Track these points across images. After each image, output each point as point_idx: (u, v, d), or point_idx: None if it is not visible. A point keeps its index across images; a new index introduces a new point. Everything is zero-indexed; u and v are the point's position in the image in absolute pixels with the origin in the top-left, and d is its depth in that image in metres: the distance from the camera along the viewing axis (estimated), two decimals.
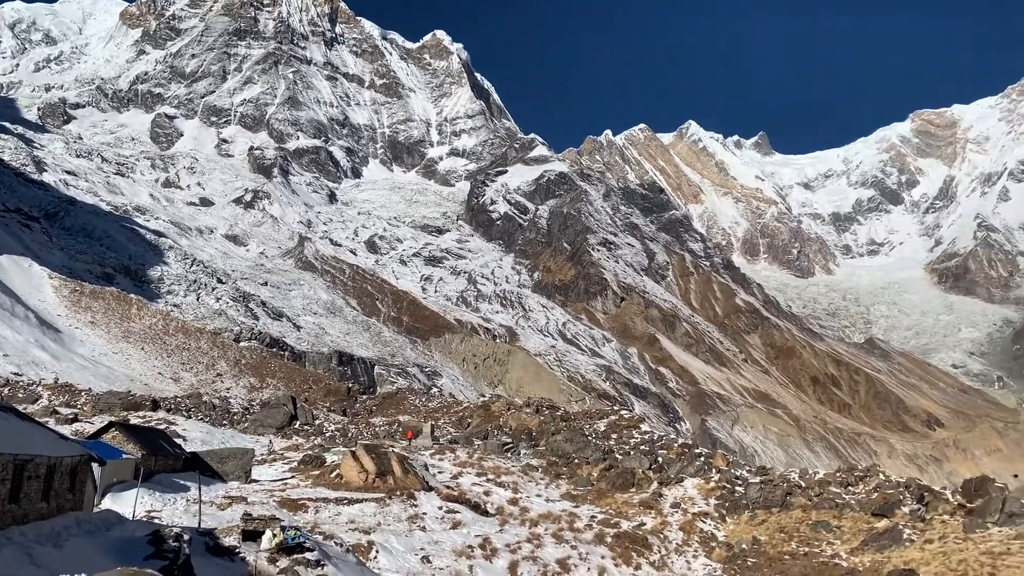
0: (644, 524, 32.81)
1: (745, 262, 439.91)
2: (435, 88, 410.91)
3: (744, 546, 31.69)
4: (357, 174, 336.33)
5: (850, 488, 38.48)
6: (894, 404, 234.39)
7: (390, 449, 34.72)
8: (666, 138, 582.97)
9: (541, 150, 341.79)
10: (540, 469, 41.56)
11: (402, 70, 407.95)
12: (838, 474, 41.40)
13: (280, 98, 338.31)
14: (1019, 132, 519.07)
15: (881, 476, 40.15)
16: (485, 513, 30.22)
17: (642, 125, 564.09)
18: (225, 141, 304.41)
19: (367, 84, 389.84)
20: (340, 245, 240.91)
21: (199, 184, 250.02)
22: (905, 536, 30.36)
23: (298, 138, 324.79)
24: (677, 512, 35.01)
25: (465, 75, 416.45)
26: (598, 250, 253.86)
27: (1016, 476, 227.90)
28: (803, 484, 39.01)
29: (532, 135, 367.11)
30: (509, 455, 45.74)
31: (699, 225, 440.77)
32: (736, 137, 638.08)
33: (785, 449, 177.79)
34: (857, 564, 28.99)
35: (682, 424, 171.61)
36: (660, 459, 43.52)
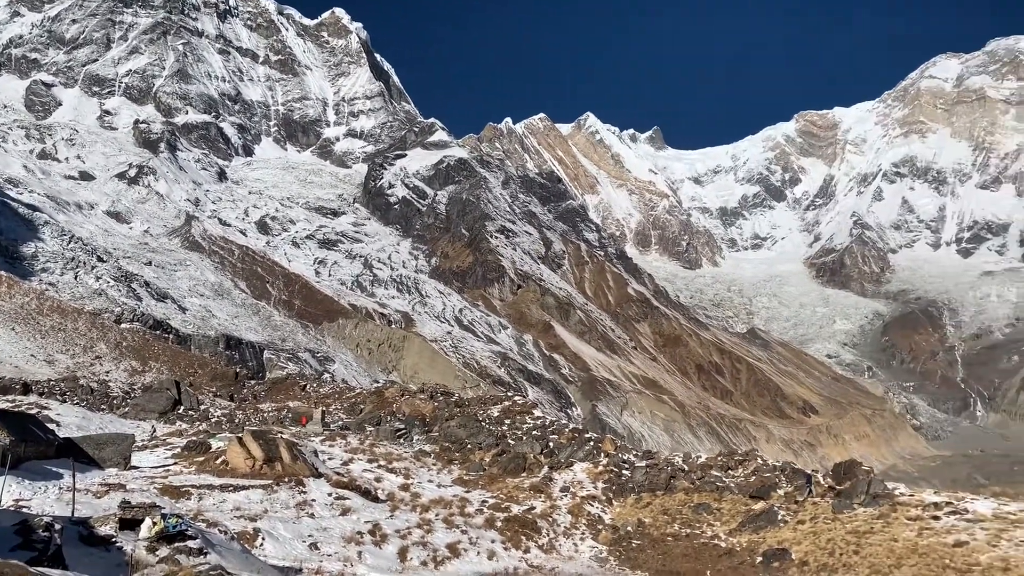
0: (534, 508, 33.37)
1: (637, 253, 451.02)
2: (333, 67, 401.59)
3: (629, 528, 32.64)
4: (249, 152, 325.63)
5: (730, 472, 40.11)
6: (773, 392, 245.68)
7: (279, 435, 34.02)
8: (565, 128, 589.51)
9: (441, 135, 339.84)
10: (433, 455, 41.61)
11: (298, 47, 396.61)
12: (719, 458, 43.07)
13: (168, 70, 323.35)
14: (893, 136, 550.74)
15: (759, 460, 42.01)
16: (376, 499, 30.07)
17: (542, 115, 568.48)
18: (108, 113, 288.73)
19: (261, 60, 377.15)
20: (229, 225, 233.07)
21: (79, 157, 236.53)
22: (780, 517, 31.87)
23: (187, 113, 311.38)
24: (566, 496, 35.75)
25: (364, 55, 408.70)
26: (496, 237, 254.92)
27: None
28: (686, 468, 40.43)
29: (432, 119, 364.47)
30: (402, 441, 45.58)
31: (595, 215, 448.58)
32: (632, 131, 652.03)
33: (671, 434, 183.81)
34: (735, 544, 30.31)
35: (574, 410, 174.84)
36: (551, 444, 44.22)
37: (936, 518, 28.95)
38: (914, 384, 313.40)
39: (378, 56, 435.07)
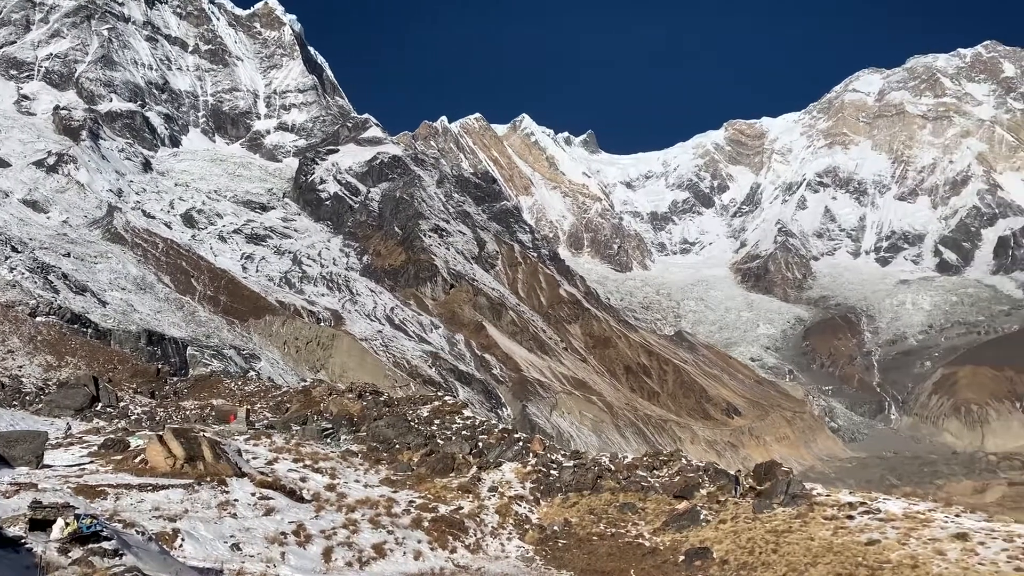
0: (461, 508, 33.32)
1: (570, 255, 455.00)
2: (265, 59, 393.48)
3: (556, 528, 32.86)
4: (176, 143, 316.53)
5: (655, 472, 40.76)
6: (698, 393, 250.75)
7: (201, 433, 33.17)
8: (500, 129, 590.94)
9: (375, 131, 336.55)
10: (360, 455, 41.14)
11: (230, 37, 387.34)
12: (645, 458, 43.71)
13: (92, 56, 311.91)
14: (817, 147, 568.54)
15: (683, 461, 42.79)
16: (300, 499, 29.58)
17: (477, 115, 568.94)
18: (26, 98, 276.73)
19: (191, 49, 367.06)
20: (154, 217, 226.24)
21: None
22: (702, 517, 32.50)
23: (111, 100, 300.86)
24: (494, 496, 35.79)
25: (298, 48, 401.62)
26: (429, 236, 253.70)
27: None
28: (613, 468, 40.92)
29: (366, 115, 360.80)
30: (328, 441, 44.94)
31: (529, 217, 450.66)
32: (566, 134, 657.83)
33: (599, 434, 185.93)
34: (659, 543, 30.78)
35: (504, 410, 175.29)
36: (481, 444, 44.22)
37: (851, 517, 29.91)
38: (833, 388, 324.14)
39: (312, 49, 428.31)
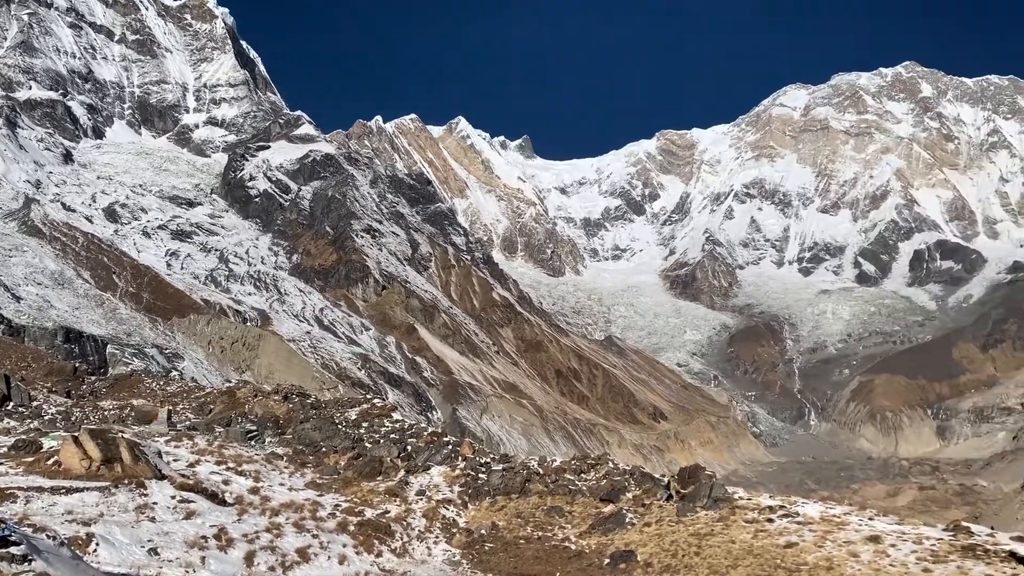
0: (388, 512, 33.06)
1: (504, 258, 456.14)
2: (195, 51, 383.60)
3: (483, 531, 32.88)
4: (99, 134, 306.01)
5: (583, 475, 41.13)
6: (626, 398, 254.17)
7: (119, 434, 32.14)
8: (436, 131, 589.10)
9: (308, 129, 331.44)
10: (285, 458, 40.46)
11: (159, 28, 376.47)
12: (573, 462, 44.08)
13: (11, 41, 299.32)
14: (745, 159, 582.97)
15: (611, 464, 43.30)
16: (223, 503, 28.93)
17: (413, 115, 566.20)
18: None
19: (117, 38, 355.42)
20: (74, 211, 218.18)
21: None
22: (628, 520, 32.92)
23: (30, 88, 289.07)
24: (422, 499, 35.62)
25: (229, 42, 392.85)
26: (362, 236, 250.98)
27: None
28: (541, 471, 41.15)
29: (299, 112, 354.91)
30: (253, 443, 44.06)
31: (463, 220, 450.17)
32: (502, 138, 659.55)
33: (528, 438, 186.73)
34: (584, 547, 31.08)
35: (434, 413, 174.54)
36: (409, 448, 43.93)
37: (770, 521, 30.70)
38: (755, 393, 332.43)
39: (244, 43, 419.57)
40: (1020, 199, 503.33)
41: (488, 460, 42.58)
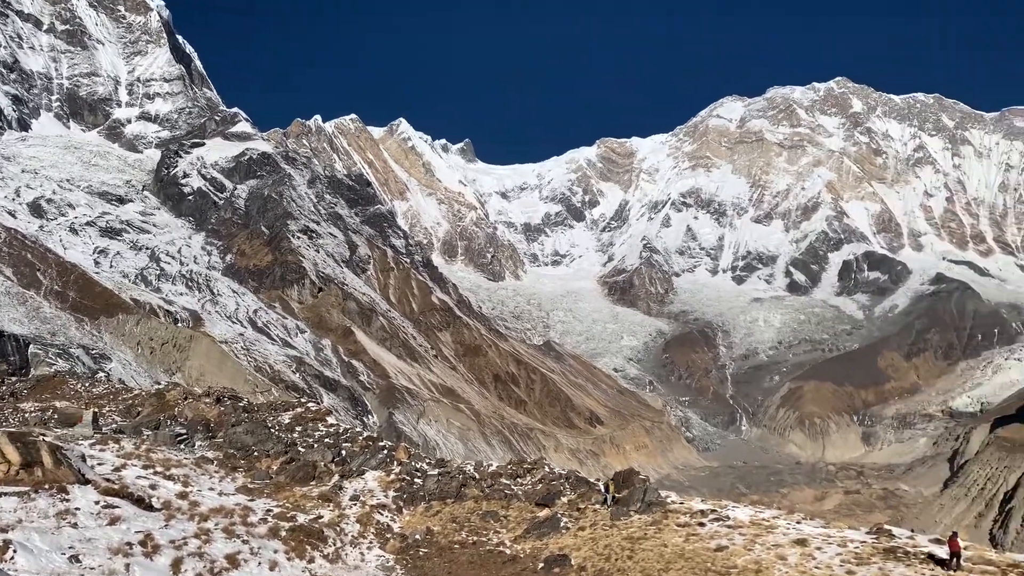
0: (321, 517, 32.64)
1: (443, 262, 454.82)
2: (129, 44, 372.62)
3: (418, 537, 32.73)
4: (24, 126, 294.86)
5: (519, 480, 41.30)
6: (563, 402, 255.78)
7: (40, 438, 31.01)
8: (377, 132, 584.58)
9: (244, 126, 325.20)
10: (216, 462, 39.58)
11: (90, 18, 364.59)
12: (509, 466, 44.22)
13: None
14: (682, 168, 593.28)
15: (546, 469, 43.59)
16: (150, 508, 28.15)
17: (353, 116, 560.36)
18: None
19: (46, 27, 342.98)
20: None
21: None
22: (562, 524, 33.18)
23: None
24: (356, 505, 35.26)
25: (165, 35, 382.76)
26: (298, 237, 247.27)
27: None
28: (477, 476, 41.17)
29: (236, 109, 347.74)
30: (182, 447, 43.00)
31: (403, 222, 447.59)
32: (444, 141, 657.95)
33: (465, 443, 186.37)
34: (519, 551, 31.19)
35: (370, 417, 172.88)
36: (344, 452, 43.47)
37: (702, 524, 31.32)
38: (689, 399, 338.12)
39: (180, 38, 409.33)
40: (943, 213, 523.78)
41: (424, 465, 42.40)
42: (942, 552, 26.33)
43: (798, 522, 32.19)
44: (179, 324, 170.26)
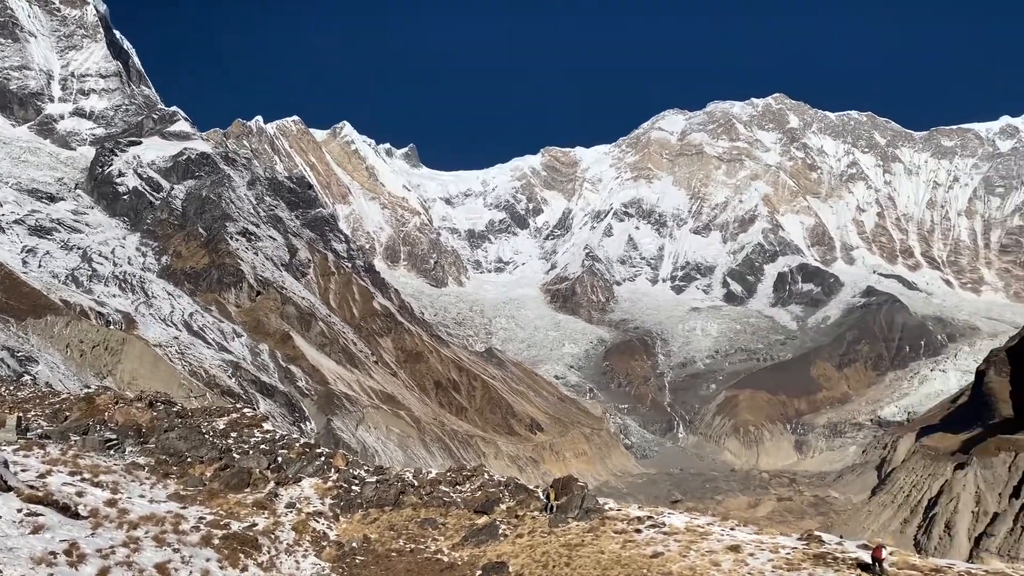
0: (256, 525, 32.06)
1: (386, 267, 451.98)
2: (63, 38, 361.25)
3: (355, 544, 32.37)
4: None
5: (458, 487, 41.18)
6: (504, 409, 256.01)
7: None
8: (319, 135, 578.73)
9: (183, 125, 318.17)
10: (147, 468, 38.55)
11: (22, 10, 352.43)
12: (448, 473, 44.06)
13: None
14: (625, 179, 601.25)
15: (486, 476, 43.55)
16: (76, 516, 27.28)
17: (295, 117, 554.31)
18: None
19: None
20: None
21: None
22: (501, 531, 33.16)
23: None
24: (291, 512, 34.72)
25: (101, 30, 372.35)
26: (237, 239, 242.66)
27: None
28: (416, 483, 40.92)
29: (174, 108, 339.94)
30: (112, 453, 41.76)
31: (345, 226, 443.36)
32: (388, 145, 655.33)
33: (404, 450, 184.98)
34: (457, 559, 31.08)
35: (307, 424, 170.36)
36: (280, 459, 42.75)
37: (639, 531, 31.66)
38: (628, 406, 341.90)
39: (117, 33, 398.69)
40: (874, 228, 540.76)
41: (362, 472, 42.00)
42: (869, 558, 27.18)
43: (732, 529, 32.76)
44: (111, 326, 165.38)
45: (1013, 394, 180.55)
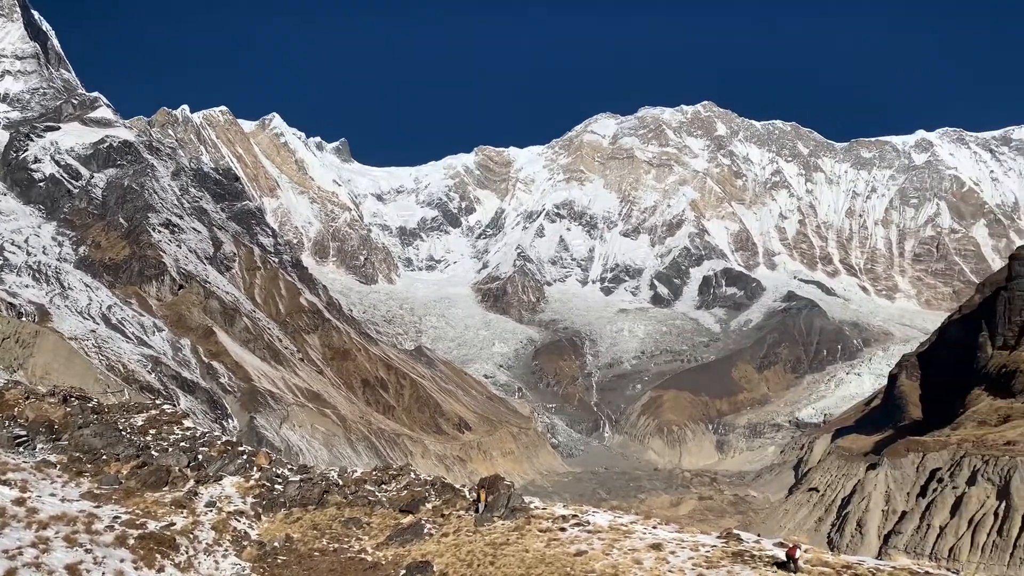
0: (174, 524, 31.28)
1: (314, 263, 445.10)
2: None
3: (276, 544, 31.90)
4: None
5: (383, 486, 40.93)
6: (433, 408, 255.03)
7: None
8: (248, 126, 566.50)
9: (105, 112, 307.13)
10: (59, 466, 37.22)
11: None
12: (374, 473, 43.77)
13: None
14: (557, 180, 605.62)
15: (412, 475, 43.40)
16: None
17: (223, 108, 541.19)
18: None
19: None
20: None
21: None
22: (426, 531, 33.11)
23: None
24: (211, 511, 33.99)
25: (18, 10, 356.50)
26: (159, 231, 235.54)
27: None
28: (341, 482, 40.54)
29: (96, 94, 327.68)
30: (22, 450, 40.17)
31: (272, 220, 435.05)
32: (319, 139, 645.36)
33: (330, 448, 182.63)
34: (381, 558, 30.90)
35: (230, 421, 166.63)
36: (201, 457, 41.81)
37: (563, 529, 32.00)
38: (556, 406, 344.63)
39: (36, 14, 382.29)
40: (795, 235, 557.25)
41: (285, 471, 41.41)
42: (785, 556, 28.09)
43: (654, 527, 33.38)
44: (23, 318, 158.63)
45: (923, 397, 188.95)
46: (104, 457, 39.91)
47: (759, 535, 34.04)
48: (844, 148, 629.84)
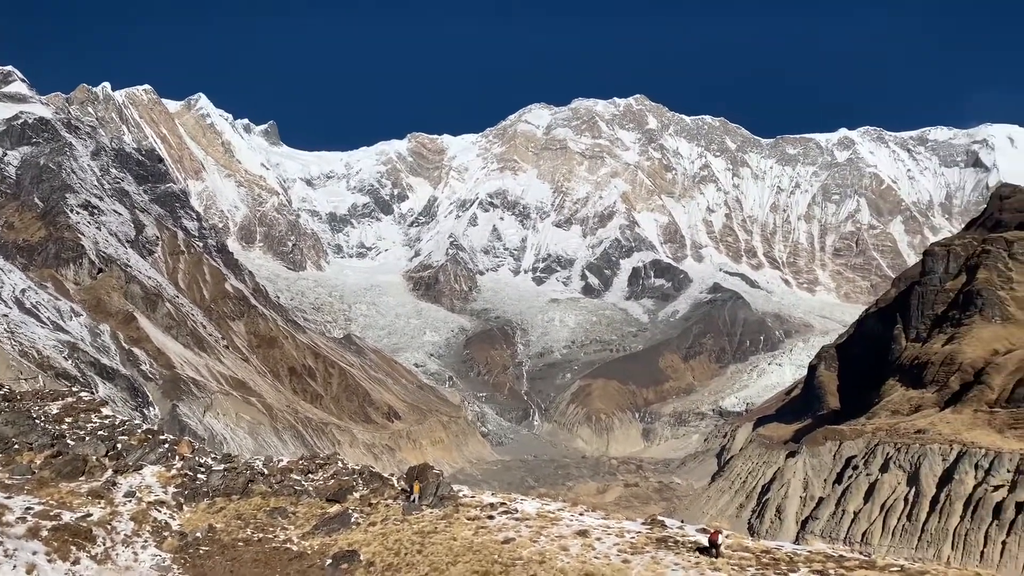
0: (90, 515, 30.35)
1: (240, 248, 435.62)
2: None
3: (199, 534, 31.30)
4: None
5: (310, 475, 40.47)
6: (361, 397, 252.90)
7: None
8: (173, 106, 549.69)
9: (20, 87, 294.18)
10: None
11: None
12: (300, 462, 43.24)
13: None
14: (491, 169, 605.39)
15: (339, 464, 43.02)
16: None
17: (147, 86, 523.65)
18: None
19: None
20: None
21: None
22: (353, 520, 32.91)
23: None
24: (131, 501, 33.09)
25: None
26: (78, 212, 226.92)
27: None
28: (266, 471, 39.95)
29: (10, 67, 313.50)
30: None
31: (197, 203, 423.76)
32: (246, 121, 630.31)
33: (255, 437, 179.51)
34: (306, 548, 30.61)
35: (151, 409, 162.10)
36: (120, 446, 40.59)
37: (491, 517, 32.24)
38: (486, 394, 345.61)
39: None
40: (722, 228, 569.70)
41: (209, 460, 40.56)
42: (707, 541, 28.91)
43: (581, 514, 33.90)
44: None
45: (840, 388, 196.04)
46: (16, 446, 38.40)
47: (683, 521, 34.90)
48: (770, 144, 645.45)
